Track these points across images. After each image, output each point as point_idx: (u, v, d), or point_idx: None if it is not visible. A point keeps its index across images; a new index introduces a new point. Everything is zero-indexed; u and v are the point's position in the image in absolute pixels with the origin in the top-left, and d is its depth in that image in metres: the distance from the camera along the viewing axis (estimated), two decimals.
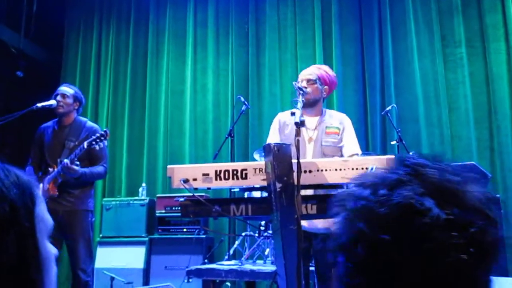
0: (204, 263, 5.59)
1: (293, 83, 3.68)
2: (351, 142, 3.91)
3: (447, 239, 0.72)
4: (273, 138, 3.88)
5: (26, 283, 0.88)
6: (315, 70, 4.03)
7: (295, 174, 2.51)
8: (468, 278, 0.73)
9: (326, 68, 4.13)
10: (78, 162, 4.27)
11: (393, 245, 0.73)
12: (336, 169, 2.64)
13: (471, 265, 0.73)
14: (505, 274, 4.94)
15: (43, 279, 0.92)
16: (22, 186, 0.95)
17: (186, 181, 2.69)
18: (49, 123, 4.77)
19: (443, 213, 0.74)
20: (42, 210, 0.98)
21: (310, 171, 2.65)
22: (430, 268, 0.72)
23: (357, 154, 3.78)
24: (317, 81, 3.95)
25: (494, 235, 0.76)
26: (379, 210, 0.76)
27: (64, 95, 4.64)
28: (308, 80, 3.93)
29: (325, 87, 4.00)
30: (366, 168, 2.62)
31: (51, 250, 0.98)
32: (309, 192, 3.00)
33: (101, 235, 6.46)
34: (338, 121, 4.01)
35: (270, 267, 4.63)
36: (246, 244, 5.57)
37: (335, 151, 3.75)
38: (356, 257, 0.77)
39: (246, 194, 4.52)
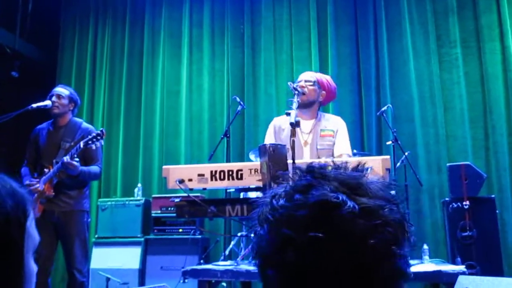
0: (199, 264, 5.59)
1: (288, 83, 3.68)
2: (341, 142, 3.92)
3: (367, 223, 0.78)
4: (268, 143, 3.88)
5: None
6: (316, 74, 4.06)
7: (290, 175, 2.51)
8: (389, 255, 0.79)
9: (327, 77, 4.17)
10: (77, 159, 4.27)
11: (322, 240, 0.76)
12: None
13: (390, 242, 0.79)
14: (501, 274, 4.95)
15: None
16: (17, 198, 0.94)
17: (181, 181, 2.69)
18: (44, 125, 4.77)
19: (356, 204, 0.79)
20: (32, 226, 0.97)
21: None
22: (357, 254, 0.77)
23: (348, 155, 3.78)
24: (315, 83, 3.97)
25: (398, 213, 0.82)
26: (299, 213, 0.79)
27: (59, 96, 4.64)
28: (307, 81, 3.95)
29: (323, 91, 4.01)
30: None
31: (34, 267, 0.98)
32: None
33: (96, 236, 6.44)
34: (333, 124, 4.01)
35: None
36: (241, 245, 5.56)
37: (330, 154, 3.75)
38: (287, 264, 0.78)
39: (241, 195, 4.52)
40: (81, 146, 4.24)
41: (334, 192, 0.80)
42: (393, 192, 0.87)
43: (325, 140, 3.87)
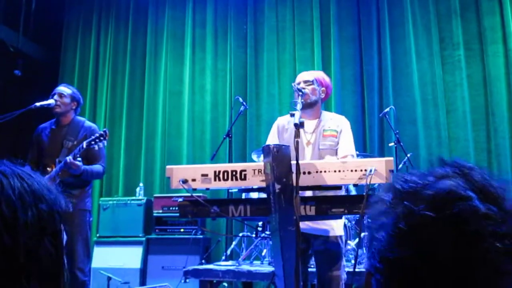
0: (201, 264, 5.59)
1: (293, 84, 3.69)
2: (346, 143, 3.91)
3: (485, 227, 0.77)
4: (271, 143, 3.88)
5: (56, 281, 0.93)
6: (312, 73, 4.07)
7: (294, 176, 2.51)
8: (496, 267, 0.77)
9: (320, 72, 4.19)
10: (80, 159, 4.27)
11: (435, 222, 0.78)
12: (335, 171, 2.65)
13: (503, 255, 0.77)
14: None
15: (64, 280, 0.97)
16: (55, 193, 0.98)
17: (185, 181, 2.69)
18: (47, 124, 4.77)
19: (483, 207, 0.78)
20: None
21: (309, 173, 2.65)
22: (464, 252, 0.77)
23: (352, 156, 3.78)
24: (315, 82, 3.97)
25: None
26: (425, 192, 0.82)
27: (61, 95, 4.64)
28: (305, 81, 3.94)
29: (323, 88, 4.02)
30: (365, 170, 2.62)
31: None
32: (308, 193, 3.01)
33: (98, 235, 6.45)
34: (336, 123, 4.01)
35: (267, 268, 4.63)
36: (243, 245, 5.57)
37: (332, 154, 3.75)
38: (399, 232, 0.81)
39: (243, 195, 4.52)
40: (84, 146, 4.25)
41: (465, 188, 0.81)
42: None
43: (327, 140, 3.86)
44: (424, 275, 0.78)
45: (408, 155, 5.09)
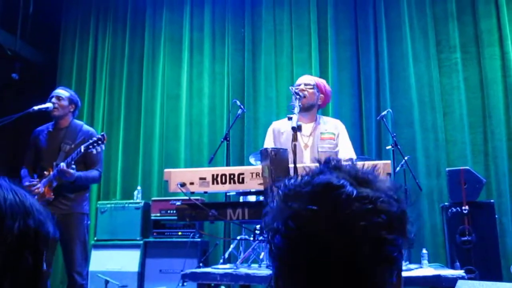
0: (199, 267, 5.59)
1: (290, 87, 3.71)
2: (346, 147, 3.94)
3: (360, 206, 0.86)
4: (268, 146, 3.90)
5: None
6: (314, 78, 4.11)
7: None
8: (380, 239, 0.86)
9: (323, 80, 4.23)
10: (74, 166, 4.27)
11: (318, 214, 0.86)
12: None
13: (382, 225, 0.86)
14: (500, 279, 4.96)
15: None
16: (45, 216, 1.03)
17: (183, 185, 2.70)
18: (43, 127, 4.76)
19: (356, 190, 0.88)
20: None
21: None
22: (347, 232, 0.85)
23: (352, 159, 3.80)
24: (315, 87, 4.00)
25: (396, 207, 0.90)
26: (304, 189, 0.91)
27: (59, 98, 4.64)
28: (306, 84, 3.97)
29: (321, 95, 4.05)
30: None
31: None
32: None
33: (95, 238, 6.44)
34: (333, 126, 4.04)
35: (265, 271, 4.62)
36: (241, 248, 5.56)
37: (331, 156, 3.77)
38: (289, 232, 0.88)
39: (241, 198, 4.53)
40: (82, 150, 4.25)
41: (338, 178, 0.90)
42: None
43: (325, 142, 3.89)
44: (317, 264, 0.86)
45: (406, 158, 5.10)
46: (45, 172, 4.41)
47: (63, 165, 4.20)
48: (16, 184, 1.00)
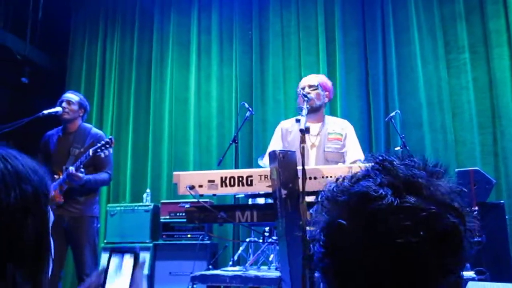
0: (208, 269, 5.60)
1: (297, 89, 3.72)
2: (354, 148, 3.94)
3: (396, 222, 0.77)
4: (275, 146, 3.91)
5: (39, 259, 0.93)
6: (316, 77, 4.10)
7: (300, 181, 2.52)
8: (419, 260, 0.77)
9: (323, 76, 4.23)
10: (83, 169, 4.29)
11: (347, 229, 0.80)
12: (340, 175, 2.65)
13: (422, 247, 0.77)
14: (511, 280, 4.93)
15: (49, 258, 0.97)
16: (41, 175, 0.99)
17: (192, 187, 2.71)
18: (54, 131, 4.80)
19: (397, 200, 0.79)
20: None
21: (315, 178, 2.66)
22: (382, 249, 0.77)
23: (360, 160, 3.80)
24: (319, 87, 4.01)
25: (451, 223, 0.80)
26: (340, 198, 0.85)
27: (69, 102, 4.67)
28: (310, 86, 3.98)
29: (326, 92, 4.06)
30: None
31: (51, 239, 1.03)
32: (314, 198, 3.01)
33: (105, 241, 6.46)
34: (340, 127, 4.04)
35: (274, 273, 4.63)
36: (250, 250, 5.57)
37: (337, 157, 3.77)
38: (323, 243, 0.84)
39: (250, 201, 4.53)
40: (90, 154, 4.27)
41: (380, 186, 0.82)
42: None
43: (332, 143, 3.89)
44: (344, 280, 0.81)
45: (416, 158, 5.07)
46: (55, 176, 4.43)
47: (72, 169, 4.23)
48: (3, 147, 0.98)
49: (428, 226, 0.78)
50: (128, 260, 1.08)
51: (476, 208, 5.19)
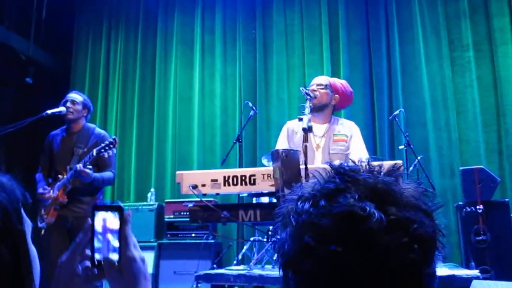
0: (212, 268, 5.60)
1: (301, 88, 3.70)
2: (358, 149, 3.92)
3: (393, 240, 0.74)
4: (281, 146, 3.90)
5: (19, 281, 0.90)
6: (329, 78, 4.08)
7: (303, 180, 2.52)
8: (415, 273, 0.76)
9: (343, 81, 4.19)
10: (90, 166, 4.30)
11: (342, 254, 0.74)
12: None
13: (417, 260, 0.75)
14: None
15: (32, 276, 0.94)
16: (7, 189, 0.95)
17: (195, 187, 2.71)
18: (58, 131, 4.81)
19: (384, 216, 0.75)
20: (23, 212, 0.99)
21: None
22: (380, 271, 0.74)
23: (360, 160, 3.78)
24: (327, 87, 3.98)
25: (430, 226, 0.78)
26: (322, 222, 0.76)
27: (73, 102, 4.68)
28: (318, 85, 3.97)
29: (336, 95, 4.03)
30: None
31: (34, 250, 1.00)
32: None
33: None
34: (347, 128, 4.02)
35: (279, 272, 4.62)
36: (254, 249, 5.57)
37: (342, 159, 3.76)
38: (305, 271, 0.77)
39: (254, 200, 4.53)
40: (94, 154, 4.28)
41: (361, 201, 0.76)
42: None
43: (338, 144, 3.88)
44: None
45: (419, 157, 5.06)
46: (59, 176, 4.45)
47: (80, 166, 4.24)
48: None
49: (420, 238, 0.76)
50: (114, 217, 1.06)
51: (481, 206, 5.18)
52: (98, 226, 1.06)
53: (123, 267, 1.03)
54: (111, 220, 1.06)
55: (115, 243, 1.06)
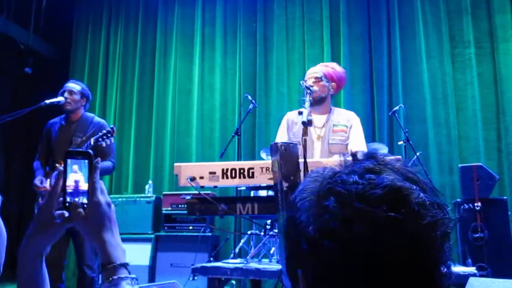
0: (209, 261, 5.60)
1: (301, 82, 3.69)
2: (357, 140, 3.91)
3: (433, 215, 0.78)
4: (281, 137, 3.89)
5: None
6: (322, 68, 4.05)
7: (302, 174, 2.51)
8: (447, 249, 0.80)
9: (333, 65, 4.15)
10: None
11: (397, 221, 0.76)
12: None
13: (445, 238, 0.79)
14: None
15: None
16: None
17: (193, 179, 2.70)
18: (56, 119, 4.80)
19: (425, 196, 0.79)
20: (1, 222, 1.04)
21: None
22: (423, 243, 0.77)
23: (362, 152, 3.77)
24: (323, 78, 3.97)
25: (447, 216, 0.82)
26: (374, 191, 0.78)
27: (71, 92, 4.67)
28: (315, 78, 3.95)
29: (332, 83, 4.02)
30: None
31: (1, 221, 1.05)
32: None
33: None
34: (346, 118, 4.01)
35: (275, 266, 4.62)
36: (251, 243, 5.56)
37: (342, 149, 3.75)
38: (355, 236, 0.77)
39: (252, 193, 4.52)
40: (92, 143, 4.27)
41: (402, 181, 0.80)
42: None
43: (337, 135, 3.87)
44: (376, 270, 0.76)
45: (418, 153, 5.06)
46: (57, 165, 4.43)
47: None
48: None
49: (444, 219, 0.80)
50: (83, 163, 1.11)
51: (479, 203, 5.18)
52: (69, 172, 1.13)
53: (89, 211, 1.12)
54: (81, 166, 1.12)
55: (84, 187, 1.13)
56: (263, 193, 4.30)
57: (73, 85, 4.74)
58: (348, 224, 0.77)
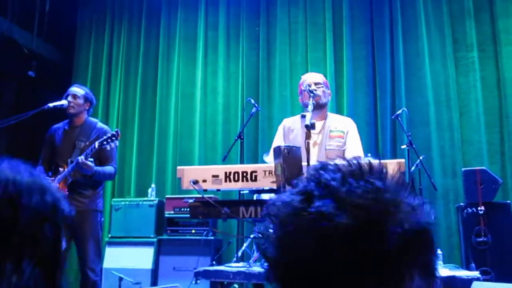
0: (212, 265, 5.59)
1: (302, 86, 3.71)
2: (353, 146, 3.92)
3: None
4: (277, 144, 3.91)
5: (56, 272, 0.98)
6: (319, 76, 4.12)
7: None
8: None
9: (322, 75, 4.29)
10: (92, 159, 4.30)
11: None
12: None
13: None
14: None
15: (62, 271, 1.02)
16: (61, 194, 1.06)
17: (195, 182, 2.70)
18: (60, 124, 4.81)
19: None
20: None
21: None
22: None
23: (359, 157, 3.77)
24: (324, 85, 4.01)
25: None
26: (303, 217, 0.81)
27: (75, 96, 4.68)
28: (316, 83, 3.97)
29: (329, 91, 4.07)
30: None
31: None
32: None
33: (110, 235, 6.48)
34: (343, 124, 4.03)
35: None
36: (254, 246, 5.56)
37: (339, 155, 3.76)
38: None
39: (255, 197, 4.52)
40: (96, 146, 4.27)
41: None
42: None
43: (334, 140, 3.88)
44: None
45: (421, 157, 5.05)
46: (60, 169, 4.44)
47: (81, 158, 4.23)
48: (32, 167, 1.03)
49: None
50: None
51: (482, 207, 5.16)
52: None
53: None
54: None
55: None
56: (266, 196, 4.30)
57: (77, 89, 4.75)
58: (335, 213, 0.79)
